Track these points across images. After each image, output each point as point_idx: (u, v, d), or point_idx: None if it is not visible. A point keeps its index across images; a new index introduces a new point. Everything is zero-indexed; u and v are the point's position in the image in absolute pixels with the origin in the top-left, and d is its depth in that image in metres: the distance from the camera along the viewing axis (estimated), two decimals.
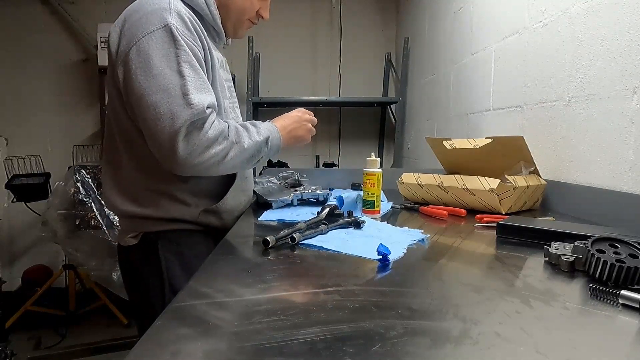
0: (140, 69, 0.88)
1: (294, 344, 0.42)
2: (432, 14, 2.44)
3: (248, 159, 0.98)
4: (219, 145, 0.91)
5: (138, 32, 0.89)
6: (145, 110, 0.88)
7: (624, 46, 0.98)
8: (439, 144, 1.32)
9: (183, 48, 0.89)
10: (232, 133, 0.94)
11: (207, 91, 0.91)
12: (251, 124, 1.01)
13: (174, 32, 0.89)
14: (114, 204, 1.02)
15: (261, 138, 0.98)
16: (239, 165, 0.98)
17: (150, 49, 0.87)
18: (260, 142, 0.98)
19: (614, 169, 1.01)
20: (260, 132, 0.99)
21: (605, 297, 0.54)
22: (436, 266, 0.71)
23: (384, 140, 3.33)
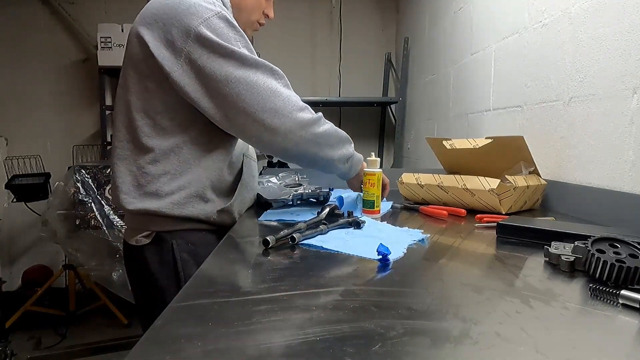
0: (212, 53, 0.87)
1: (294, 344, 0.42)
2: (432, 14, 2.44)
3: (334, 145, 1.03)
4: (326, 125, 1.00)
5: (192, 22, 0.87)
6: (243, 88, 0.89)
7: (624, 46, 0.98)
8: (439, 144, 1.32)
9: (240, 33, 0.92)
10: (319, 116, 1.00)
11: None
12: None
13: (229, 18, 0.91)
14: (128, 201, 0.96)
15: (345, 135, 1.08)
16: (314, 159, 1.02)
17: (212, 33, 0.87)
18: (345, 138, 1.07)
19: (614, 169, 1.01)
20: (346, 149, 1.08)
21: (605, 297, 0.54)
22: (436, 266, 0.71)
23: (384, 140, 3.33)
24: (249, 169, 1.09)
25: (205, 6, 0.89)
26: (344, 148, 1.05)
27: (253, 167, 1.14)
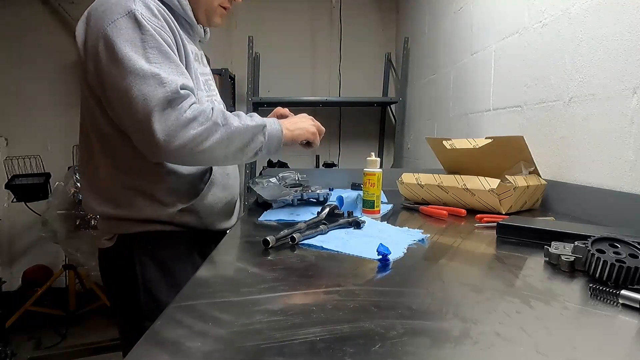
0: (108, 59, 0.83)
1: (294, 344, 0.42)
2: (432, 14, 2.44)
3: (241, 147, 0.90)
4: (200, 126, 0.83)
5: (103, 23, 0.84)
6: (119, 100, 0.83)
7: (624, 46, 0.98)
8: (439, 144, 1.32)
9: (149, 33, 0.84)
10: (217, 115, 0.86)
11: (180, 74, 0.86)
12: (245, 113, 0.95)
13: (138, 17, 0.84)
14: (91, 206, 0.97)
15: (254, 123, 0.91)
16: (231, 153, 0.89)
17: (114, 36, 0.82)
18: (253, 128, 0.90)
19: (614, 169, 1.01)
20: (254, 119, 0.92)
21: (605, 297, 0.54)
22: (436, 266, 0.71)
23: (384, 140, 3.33)
24: (222, 167, 1.04)
25: (122, 5, 0.85)
26: (247, 148, 0.91)
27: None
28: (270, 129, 0.93)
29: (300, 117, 1.06)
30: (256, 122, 0.91)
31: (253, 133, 0.90)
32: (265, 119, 0.95)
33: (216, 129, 0.85)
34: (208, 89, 1.06)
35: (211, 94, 1.07)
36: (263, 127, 0.92)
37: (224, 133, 0.86)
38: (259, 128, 0.91)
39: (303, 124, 1.03)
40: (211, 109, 0.87)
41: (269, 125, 0.93)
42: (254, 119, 0.92)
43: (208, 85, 1.07)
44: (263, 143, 0.92)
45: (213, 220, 1.04)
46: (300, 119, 1.05)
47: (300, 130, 1.01)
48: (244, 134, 0.89)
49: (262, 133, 0.92)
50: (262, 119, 0.94)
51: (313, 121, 1.06)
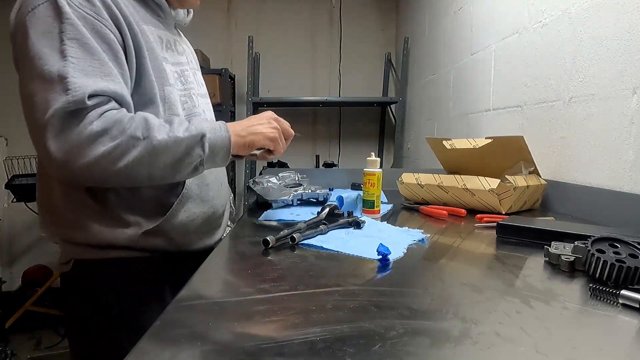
0: (21, 54, 0.71)
1: (294, 344, 0.42)
2: (432, 14, 2.44)
3: (172, 164, 0.73)
4: (112, 141, 0.68)
5: (26, 9, 0.71)
6: (25, 106, 0.72)
7: (624, 46, 0.98)
8: (439, 144, 1.32)
9: (70, 22, 0.69)
10: (137, 126, 0.70)
11: (98, 75, 0.70)
12: (182, 119, 0.77)
13: (60, 3, 0.69)
14: (45, 226, 0.84)
15: (188, 134, 0.73)
16: (158, 171, 0.73)
17: (30, 26, 0.69)
18: (187, 139, 0.73)
19: (614, 169, 1.01)
20: (190, 128, 0.74)
21: (605, 297, 0.54)
22: (436, 266, 0.71)
23: (384, 140, 3.33)
24: (199, 177, 0.86)
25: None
26: (181, 164, 0.74)
27: (207, 174, 0.89)
28: (213, 138, 0.76)
29: (258, 118, 0.87)
30: (191, 131, 0.74)
31: (187, 146, 0.73)
32: (210, 124, 0.78)
33: (134, 144, 0.70)
34: (184, 81, 0.90)
35: (189, 88, 0.91)
36: (201, 136, 0.75)
37: (144, 148, 0.70)
38: (194, 139, 0.74)
39: (259, 128, 0.84)
40: (130, 117, 0.71)
41: (210, 134, 0.76)
42: (189, 128, 0.74)
43: (184, 77, 0.91)
44: (203, 157, 0.75)
45: (189, 240, 0.88)
46: (258, 120, 0.86)
47: (254, 136, 0.83)
48: (173, 148, 0.72)
49: (199, 145, 0.75)
50: (203, 125, 0.76)
51: (275, 122, 0.87)
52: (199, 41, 3.14)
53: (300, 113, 3.33)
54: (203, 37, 3.10)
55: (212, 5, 3.20)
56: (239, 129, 0.82)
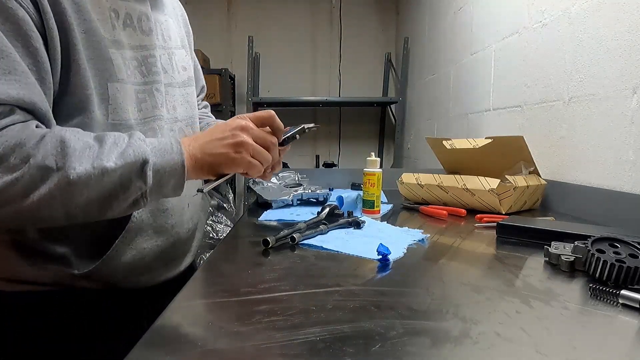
0: None
1: (294, 344, 0.42)
2: (432, 14, 2.44)
3: (98, 200, 0.54)
4: (8, 174, 0.49)
5: None
6: None
7: (624, 46, 0.98)
8: (439, 144, 1.32)
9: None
10: (48, 151, 0.51)
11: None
12: (119, 137, 0.56)
13: None
14: None
15: (123, 161, 0.53)
16: (79, 210, 0.54)
17: None
18: (120, 169, 0.53)
19: (614, 169, 1.01)
20: (126, 152, 0.54)
21: (605, 297, 0.54)
22: (436, 266, 0.71)
23: (384, 140, 3.33)
24: (159, 200, 0.68)
25: None
26: (114, 201, 0.55)
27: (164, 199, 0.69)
28: (160, 164, 0.56)
29: (221, 130, 0.63)
30: (128, 157, 0.54)
31: (122, 177, 0.54)
32: (158, 143, 0.58)
33: (42, 177, 0.50)
34: (146, 71, 0.68)
35: (152, 80, 0.68)
36: (142, 163, 0.55)
37: (57, 184, 0.51)
38: (131, 167, 0.54)
39: (217, 146, 0.61)
40: (39, 139, 0.51)
41: (155, 157, 0.56)
42: (126, 152, 0.54)
43: (146, 65, 0.68)
44: (144, 189, 0.56)
45: (136, 280, 0.70)
46: (220, 133, 0.62)
47: (212, 158, 0.61)
48: (100, 182, 0.53)
49: (139, 175, 0.54)
50: (146, 147, 0.56)
51: (243, 133, 0.62)
52: (199, 41, 3.14)
53: (300, 113, 3.32)
54: (203, 37, 3.10)
55: (212, 5, 3.20)
56: (197, 146, 0.61)
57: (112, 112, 0.62)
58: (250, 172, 0.64)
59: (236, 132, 0.62)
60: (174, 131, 0.73)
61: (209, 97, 2.86)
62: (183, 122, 0.77)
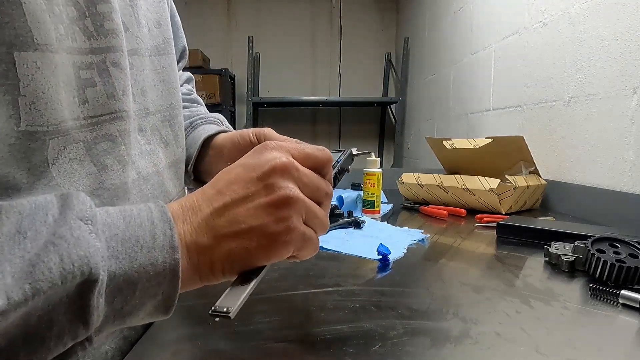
0: None
1: (294, 344, 0.42)
2: (432, 14, 2.44)
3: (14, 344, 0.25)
4: None
5: None
6: None
7: (624, 46, 0.98)
8: (439, 144, 1.32)
9: None
10: None
11: None
12: (39, 208, 0.26)
13: None
14: None
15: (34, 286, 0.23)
16: None
17: None
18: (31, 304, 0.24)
19: (614, 169, 1.01)
20: (45, 259, 0.24)
21: (605, 297, 0.54)
22: (436, 266, 0.71)
23: (384, 140, 3.33)
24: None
25: None
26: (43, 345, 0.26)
27: None
28: (124, 274, 0.28)
29: (251, 170, 0.34)
30: (47, 276, 0.24)
31: (36, 317, 0.25)
32: (122, 220, 0.30)
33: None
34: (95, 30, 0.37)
35: (107, 45, 0.38)
36: (83, 286, 0.26)
37: None
38: (59, 296, 0.25)
39: (256, 206, 0.33)
40: None
41: (114, 264, 0.27)
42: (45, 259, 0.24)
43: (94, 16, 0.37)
44: (85, 335, 0.28)
45: None
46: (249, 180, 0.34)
47: (245, 240, 0.33)
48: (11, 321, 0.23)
49: (77, 312, 0.26)
50: (92, 236, 0.26)
51: (294, 179, 0.34)
52: (199, 41, 3.15)
53: (300, 113, 3.33)
54: (203, 37, 3.10)
55: (212, 5, 3.20)
56: (200, 227, 0.33)
57: (27, 110, 0.30)
58: (301, 253, 0.37)
59: (276, 181, 0.33)
60: (144, 132, 0.44)
61: (209, 97, 2.85)
62: (157, 116, 0.47)
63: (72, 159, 0.34)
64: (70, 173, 0.34)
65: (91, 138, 0.36)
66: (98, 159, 0.37)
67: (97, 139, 0.37)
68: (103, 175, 0.37)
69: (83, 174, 0.35)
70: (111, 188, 0.38)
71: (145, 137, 0.44)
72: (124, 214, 0.30)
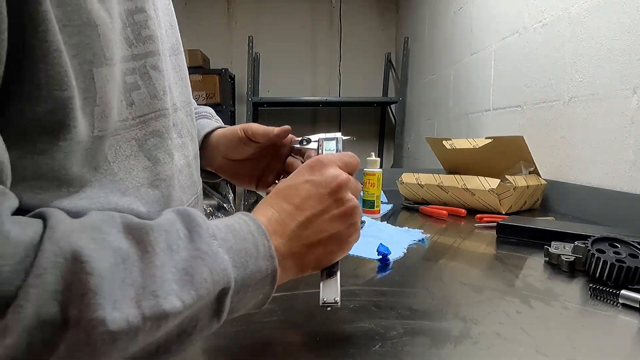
0: None
1: (294, 344, 0.42)
2: (432, 14, 2.44)
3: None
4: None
5: None
6: None
7: (624, 46, 0.98)
8: (439, 144, 1.32)
9: None
10: (45, 288, 0.24)
11: None
12: (173, 224, 0.31)
13: None
14: None
15: (195, 295, 0.29)
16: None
17: None
18: (188, 309, 0.29)
19: (614, 169, 1.01)
20: (198, 272, 0.30)
21: (605, 297, 0.54)
22: (436, 266, 0.71)
23: (384, 140, 3.33)
24: None
25: None
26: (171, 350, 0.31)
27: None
28: (241, 281, 0.33)
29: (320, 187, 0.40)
30: (202, 286, 0.30)
31: (186, 319, 0.31)
32: (233, 236, 0.34)
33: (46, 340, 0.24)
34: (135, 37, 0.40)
35: (144, 50, 0.41)
36: (221, 294, 0.32)
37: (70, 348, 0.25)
38: (205, 301, 0.31)
39: (332, 216, 0.40)
40: (25, 254, 0.24)
41: (236, 273, 0.33)
42: (197, 272, 0.30)
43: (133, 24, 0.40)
44: (210, 329, 0.33)
45: None
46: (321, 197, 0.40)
47: (328, 244, 0.41)
48: (151, 334, 0.28)
49: (213, 314, 0.33)
50: (223, 253, 0.32)
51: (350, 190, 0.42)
52: (199, 41, 3.15)
53: (300, 113, 3.33)
54: (203, 37, 3.10)
55: (212, 5, 3.20)
56: (290, 239, 0.39)
57: (99, 118, 0.34)
58: (350, 248, 0.43)
59: (343, 196, 0.41)
60: (176, 126, 0.47)
61: (209, 97, 2.86)
62: (182, 112, 0.50)
63: (128, 155, 0.39)
64: (129, 169, 0.39)
65: (141, 135, 0.40)
66: (150, 153, 0.41)
67: (146, 135, 0.41)
68: (158, 168, 0.42)
69: (140, 168, 0.40)
70: (166, 179, 0.43)
71: (177, 131, 0.48)
72: (229, 227, 0.35)
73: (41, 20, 0.28)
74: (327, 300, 0.41)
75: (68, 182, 0.33)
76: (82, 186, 0.34)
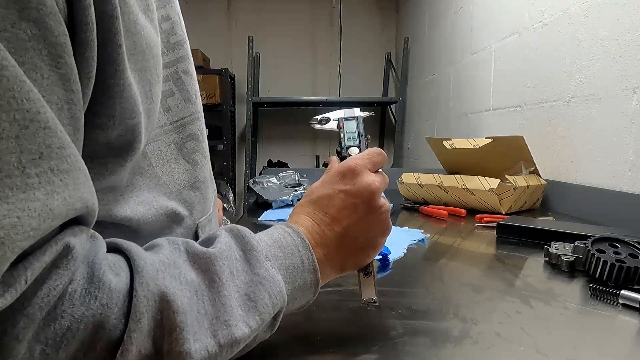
0: None
1: (294, 344, 0.42)
2: (432, 14, 2.44)
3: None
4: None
5: None
6: None
7: (624, 46, 0.98)
8: (439, 144, 1.32)
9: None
10: (144, 330, 0.27)
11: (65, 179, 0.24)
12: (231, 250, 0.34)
13: None
14: None
15: (259, 320, 0.33)
16: None
17: None
18: (254, 333, 0.33)
19: (614, 169, 1.01)
20: (259, 298, 0.33)
21: (605, 297, 0.54)
22: (436, 266, 0.71)
23: (384, 140, 3.33)
24: None
25: None
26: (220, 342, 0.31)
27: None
28: (290, 294, 0.37)
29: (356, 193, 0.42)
30: (265, 310, 0.34)
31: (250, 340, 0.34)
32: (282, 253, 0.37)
33: None
34: (168, 44, 0.42)
35: (177, 56, 0.43)
36: (277, 314, 0.36)
37: None
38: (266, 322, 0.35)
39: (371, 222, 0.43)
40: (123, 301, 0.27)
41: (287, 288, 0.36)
42: (259, 298, 0.33)
43: (166, 32, 0.42)
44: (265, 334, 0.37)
45: None
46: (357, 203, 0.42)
47: (367, 249, 0.44)
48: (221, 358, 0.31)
49: (269, 329, 0.37)
50: (277, 274, 0.35)
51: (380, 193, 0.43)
52: (199, 41, 3.15)
53: (300, 113, 3.33)
54: (203, 37, 3.10)
55: (212, 5, 3.20)
56: (330, 251, 0.41)
57: (150, 130, 0.37)
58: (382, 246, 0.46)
59: (376, 203, 0.42)
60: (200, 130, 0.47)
61: (209, 97, 2.86)
62: (200, 114, 0.48)
63: (169, 159, 0.41)
64: (171, 172, 0.41)
65: (179, 139, 0.43)
66: (189, 156, 0.43)
67: (184, 139, 0.43)
68: (197, 170, 0.44)
69: (180, 171, 0.42)
70: (204, 181, 0.45)
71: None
72: (277, 243, 0.38)
73: (120, 60, 0.29)
74: (367, 299, 0.45)
75: (123, 189, 0.36)
76: (134, 191, 0.37)
